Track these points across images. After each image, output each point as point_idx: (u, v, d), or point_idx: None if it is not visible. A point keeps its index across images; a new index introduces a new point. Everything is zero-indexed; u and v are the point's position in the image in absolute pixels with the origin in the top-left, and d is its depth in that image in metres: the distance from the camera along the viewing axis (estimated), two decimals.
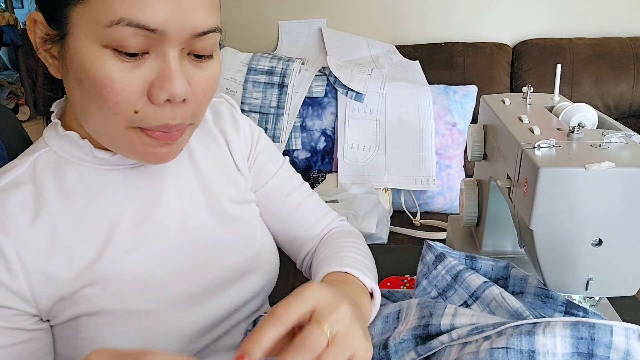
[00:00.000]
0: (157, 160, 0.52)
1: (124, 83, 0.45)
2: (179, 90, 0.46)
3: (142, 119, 0.47)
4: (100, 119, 0.48)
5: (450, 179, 1.58)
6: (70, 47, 0.46)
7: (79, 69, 0.46)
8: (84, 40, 0.45)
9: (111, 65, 0.45)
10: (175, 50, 0.46)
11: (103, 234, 0.54)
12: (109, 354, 0.37)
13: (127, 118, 0.47)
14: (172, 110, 0.48)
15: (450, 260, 0.59)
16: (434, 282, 0.58)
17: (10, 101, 2.75)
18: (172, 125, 0.49)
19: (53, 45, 0.48)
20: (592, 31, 1.77)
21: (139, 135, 0.49)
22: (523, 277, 0.59)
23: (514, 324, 0.45)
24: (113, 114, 0.47)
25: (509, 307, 0.52)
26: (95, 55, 0.45)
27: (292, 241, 0.73)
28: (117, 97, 0.46)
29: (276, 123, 1.62)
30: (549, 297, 0.55)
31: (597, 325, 0.43)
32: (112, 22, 0.43)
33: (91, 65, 0.45)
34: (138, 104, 0.47)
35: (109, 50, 0.45)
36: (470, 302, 0.55)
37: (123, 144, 0.50)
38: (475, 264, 0.61)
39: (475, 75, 1.71)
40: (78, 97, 0.49)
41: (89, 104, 0.47)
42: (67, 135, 0.54)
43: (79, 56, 0.46)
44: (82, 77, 0.46)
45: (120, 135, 0.49)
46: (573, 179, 0.49)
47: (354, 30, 1.87)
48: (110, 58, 0.45)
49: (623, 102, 1.69)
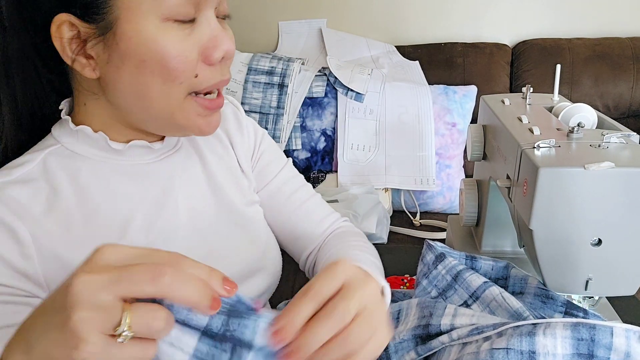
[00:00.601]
0: (209, 128, 0.55)
1: (187, 50, 0.49)
2: (231, 45, 0.52)
3: (202, 81, 0.51)
4: (161, 95, 0.50)
5: (450, 179, 1.58)
6: (124, 32, 0.47)
7: (139, 50, 0.47)
8: (140, 20, 0.47)
9: (174, 37, 0.48)
10: (213, 13, 0.51)
11: (116, 230, 0.54)
12: (122, 251, 0.34)
13: (190, 83, 0.50)
14: (222, 67, 0.53)
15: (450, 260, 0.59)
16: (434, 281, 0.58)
17: None
18: (224, 80, 0.53)
19: (91, 42, 0.48)
20: (592, 31, 1.77)
21: (194, 106, 0.52)
22: (523, 277, 0.59)
23: (514, 325, 0.45)
24: (178, 83, 0.50)
25: (509, 307, 0.52)
26: (159, 31, 0.47)
27: (294, 240, 0.73)
28: (184, 64, 0.49)
29: (276, 123, 1.62)
30: (549, 298, 0.55)
31: (598, 326, 0.43)
32: None
33: (154, 42, 0.47)
34: (197, 67, 0.50)
35: (169, 22, 0.47)
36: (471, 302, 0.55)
37: (180, 115, 0.52)
38: (475, 264, 0.61)
39: (475, 76, 1.71)
40: (134, 83, 0.50)
41: (151, 83, 0.49)
42: (80, 130, 0.54)
43: (137, 37, 0.47)
44: (145, 58, 0.48)
45: (179, 106, 0.51)
46: (573, 179, 0.49)
47: (354, 31, 1.87)
48: (172, 29, 0.48)
49: (623, 102, 1.69)
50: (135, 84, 0.50)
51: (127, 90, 0.51)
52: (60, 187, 0.53)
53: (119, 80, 0.50)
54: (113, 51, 0.48)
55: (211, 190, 0.63)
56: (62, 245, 0.51)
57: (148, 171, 0.58)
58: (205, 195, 0.62)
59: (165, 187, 0.58)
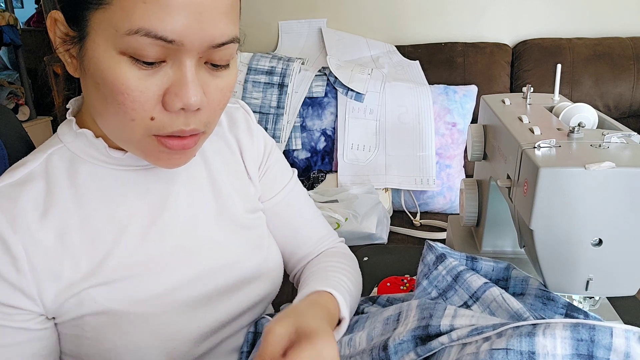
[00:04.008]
0: (170, 166, 0.52)
1: (140, 90, 0.45)
2: (193, 99, 0.46)
3: (158, 125, 0.48)
4: (117, 124, 0.49)
5: (450, 179, 1.58)
6: (88, 50, 0.46)
7: (96, 73, 0.46)
8: (102, 45, 0.45)
9: (128, 73, 0.45)
10: (192, 60, 0.46)
11: (112, 235, 0.54)
12: None
13: (144, 125, 0.47)
14: (186, 117, 0.48)
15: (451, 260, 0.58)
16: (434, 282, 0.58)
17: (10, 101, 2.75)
18: (187, 130, 0.49)
19: (72, 45, 0.48)
20: (592, 31, 1.77)
21: (155, 144, 0.49)
22: (524, 278, 0.59)
23: (514, 325, 0.45)
24: (130, 120, 0.47)
25: (510, 308, 0.52)
26: (113, 62, 0.45)
27: (289, 256, 0.73)
28: (134, 103, 0.46)
29: (276, 123, 1.62)
30: (549, 299, 0.54)
31: (597, 327, 0.43)
32: (130, 31, 0.43)
33: (108, 71, 0.45)
34: (154, 111, 0.47)
35: (126, 57, 0.45)
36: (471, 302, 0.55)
37: (139, 148, 0.51)
38: (476, 265, 0.61)
39: (475, 75, 1.71)
40: (94, 98, 0.49)
41: (106, 107, 0.48)
42: (81, 133, 0.54)
43: (96, 60, 0.46)
44: (99, 82, 0.46)
45: (137, 140, 0.49)
46: (573, 179, 0.49)
47: (354, 30, 1.87)
48: (127, 65, 0.45)
49: (623, 102, 1.69)
50: (95, 101, 0.49)
51: (91, 103, 0.51)
52: (59, 189, 0.53)
53: (86, 90, 0.51)
54: (82, 63, 0.48)
55: (214, 195, 0.62)
56: (55, 258, 0.51)
57: (147, 176, 0.57)
58: (207, 201, 0.61)
59: (165, 191, 0.58)
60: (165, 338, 0.55)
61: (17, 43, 2.64)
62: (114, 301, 0.52)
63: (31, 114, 2.78)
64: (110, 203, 0.55)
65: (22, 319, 0.50)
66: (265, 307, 0.68)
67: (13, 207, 0.50)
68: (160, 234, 0.56)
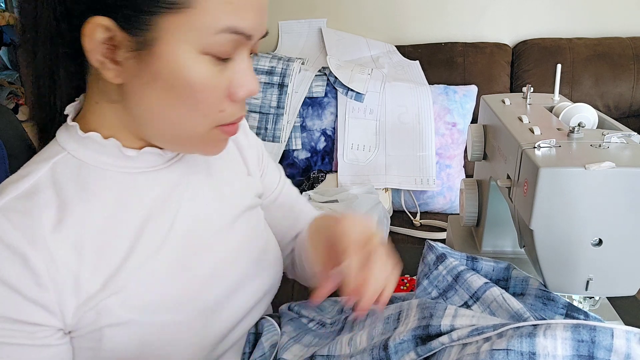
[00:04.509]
0: (219, 152, 0.56)
1: (215, 87, 0.48)
2: (257, 86, 0.52)
3: (226, 116, 0.51)
4: (185, 123, 0.50)
5: (450, 179, 1.58)
6: (161, 54, 0.46)
7: (171, 75, 0.47)
8: (180, 47, 0.46)
9: (208, 71, 0.47)
10: (249, 52, 0.51)
11: (127, 241, 0.52)
12: None
13: (213, 118, 0.50)
14: (242, 104, 0.53)
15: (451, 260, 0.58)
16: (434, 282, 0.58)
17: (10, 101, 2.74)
18: (242, 116, 0.54)
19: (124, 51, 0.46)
20: (592, 31, 1.77)
21: (218, 134, 0.52)
22: (524, 278, 0.59)
23: (515, 326, 0.45)
24: (202, 116, 0.49)
25: (510, 308, 0.52)
26: (194, 62, 0.47)
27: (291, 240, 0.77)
28: (210, 99, 0.49)
29: (276, 123, 1.62)
30: (550, 300, 0.54)
31: (598, 328, 0.43)
32: (217, 30, 0.46)
33: (189, 72, 0.47)
34: (223, 103, 0.50)
35: (207, 56, 0.47)
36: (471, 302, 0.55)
37: (200, 142, 0.53)
38: (476, 265, 0.61)
39: (475, 75, 1.71)
40: (159, 103, 0.49)
41: (176, 109, 0.49)
42: (88, 137, 0.52)
43: (173, 63, 0.46)
44: (174, 84, 0.47)
45: (202, 134, 0.52)
46: (573, 179, 0.49)
47: (354, 30, 1.87)
48: (207, 64, 0.47)
49: (623, 102, 1.69)
50: (159, 103, 0.49)
51: (149, 107, 0.49)
52: (69, 198, 0.51)
53: (143, 94, 0.49)
54: (145, 67, 0.47)
55: (215, 194, 0.62)
56: (74, 270, 0.49)
57: (156, 177, 0.56)
58: (208, 201, 0.61)
59: (172, 193, 0.57)
60: (185, 345, 0.54)
61: (17, 43, 2.64)
62: (133, 311, 0.51)
63: None
64: (123, 209, 0.53)
65: (44, 335, 0.48)
66: (267, 304, 0.68)
67: (27, 221, 0.47)
68: (172, 237, 0.56)
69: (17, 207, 0.48)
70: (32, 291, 0.47)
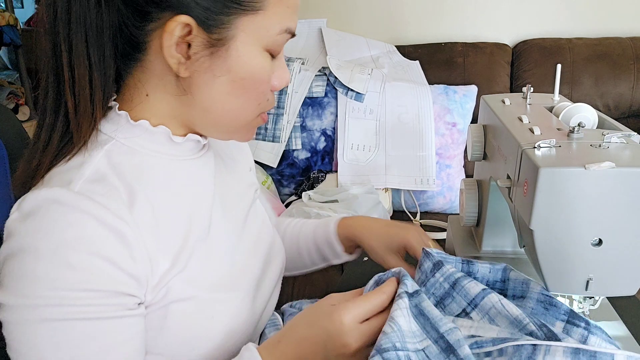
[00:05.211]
0: (251, 138, 0.62)
1: (269, 78, 0.56)
2: (290, 77, 0.60)
3: (268, 104, 0.58)
4: (243, 110, 0.56)
5: (450, 179, 1.58)
6: (236, 49, 0.52)
7: (242, 68, 0.53)
8: (251, 44, 0.52)
9: (266, 65, 0.54)
10: None
11: (183, 224, 0.55)
12: None
13: (262, 106, 0.57)
14: (274, 93, 0.59)
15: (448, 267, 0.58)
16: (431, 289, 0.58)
17: (10, 101, 2.74)
18: None
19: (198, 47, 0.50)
20: (592, 31, 1.77)
21: (258, 120, 0.59)
22: (524, 281, 0.58)
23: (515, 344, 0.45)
24: (257, 104, 0.56)
25: (509, 314, 0.51)
26: (261, 57, 0.54)
27: None
28: (266, 89, 0.56)
29: (276, 123, 1.62)
30: (552, 305, 0.54)
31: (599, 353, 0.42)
32: (281, 31, 0.54)
33: (257, 66, 0.53)
34: (268, 93, 0.57)
35: (267, 53, 0.54)
36: (469, 309, 0.55)
37: (245, 128, 0.59)
38: (472, 268, 0.60)
39: (475, 75, 1.71)
40: (224, 93, 0.54)
41: (238, 98, 0.55)
42: (139, 125, 0.54)
43: (244, 58, 0.52)
44: (245, 77, 0.53)
45: (250, 121, 0.58)
46: (573, 179, 0.49)
47: (354, 30, 1.87)
48: (267, 59, 0.54)
49: (623, 102, 1.69)
50: (223, 94, 0.54)
51: (211, 97, 0.54)
52: (133, 184, 0.52)
53: (209, 86, 0.53)
54: (218, 62, 0.52)
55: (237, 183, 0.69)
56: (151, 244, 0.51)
57: (195, 164, 0.59)
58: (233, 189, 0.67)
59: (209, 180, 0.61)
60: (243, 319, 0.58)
61: (17, 43, 2.64)
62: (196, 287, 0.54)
63: (31, 114, 2.78)
64: (174, 193, 0.56)
65: (139, 308, 0.51)
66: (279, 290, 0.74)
67: (111, 201, 0.48)
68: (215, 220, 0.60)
69: (95, 189, 0.48)
70: (129, 264, 0.48)
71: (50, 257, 0.45)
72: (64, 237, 0.45)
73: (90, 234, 0.46)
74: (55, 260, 0.45)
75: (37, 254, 0.45)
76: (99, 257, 0.46)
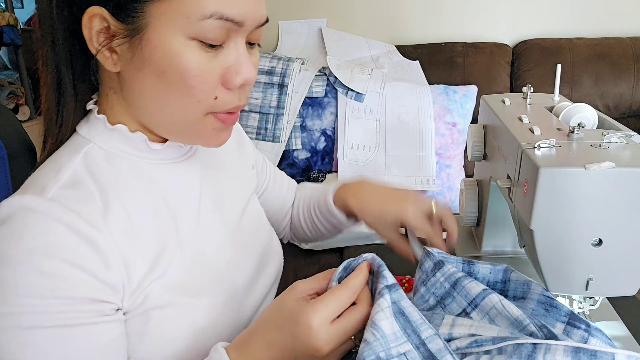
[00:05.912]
0: (218, 144, 0.56)
1: (207, 72, 0.49)
2: (252, 74, 0.52)
3: (219, 104, 0.52)
4: (179, 109, 0.51)
5: (450, 179, 1.58)
6: (151, 40, 0.47)
7: (161, 61, 0.48)
8: (168, 33, 0.47)
9: (197, 57, 0.48)
10: (244, 39, 0.51)
11: (162, 229, 0.54)
12: None
13: (208, 104, 0.51)
14: (239, 93, 0.53)
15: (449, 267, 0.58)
16: (432, 289, 0.58)
17: (10, 101, 2.74)
18: (240, 105, 0.54)
19: (118, 39, 0.48)
20: (592, 31, 1.77)
21: (212, 121, 0.53)
22: (525, 281, 0.58)
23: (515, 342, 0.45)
24: (196, 102, 0.50)
25: (509, 315, 0.51)
26: (183, 48, 0.48)
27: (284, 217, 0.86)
28: (203, 85, 0.49)
29: (276, 123, 1.62)
30: (552, 306, 0.54)
31: (599, 353, 0.42)
32: (204, 16, 0.46)
33: (178, 58, 0.48)
34: (217, 90, 0.51)
35: (194, 42, 0.48)
36: (470, 309, 0.55)
37: (196, 130, 0.53)
38: (473, 268, 0.60)
39: (475, 75, 1.71)
40: (152, 89, 0.50)
41: (169, 95, 0.50)
42: (116, 129, 0.53)
43: (162, 49, 0.47)
44: (165, 69, 0.48)
45: (196, 121, 0.52)
46: (573, 179, 0.49)
47: (354, 30, 1.87)
48: (195, 50, 0.48)
49: (623, 102, 1.69)
50: (153, 89, 0.50)
51: (144, 93, 0.51)
52: (108, 187, 0.51)
53: (137, 81, 0.50)
54: (137, 53, 0.48)
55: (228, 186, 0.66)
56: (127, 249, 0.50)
57: (179, 169, 0.58)
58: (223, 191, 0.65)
59: (195, 182, 0.60)
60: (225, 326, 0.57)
61: (17, 43, 2.64)
62: (175, 293, 0.53)
63: (31, 114, 2.78)
64: (155, 197, 0.55)
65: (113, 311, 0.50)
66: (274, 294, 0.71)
67: (83, 207, 0.48)
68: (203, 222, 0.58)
69: (69, 195, 0.48)
70: (102, 272, 0.48)
71: (21, 264, 0.44)
72: (35, 244, 0.45)
73: (62, 241, 0.45)
74: (26, 267, 0.44)
75: (9, 261, 0.44)
76: (70, 264, 0.45)
